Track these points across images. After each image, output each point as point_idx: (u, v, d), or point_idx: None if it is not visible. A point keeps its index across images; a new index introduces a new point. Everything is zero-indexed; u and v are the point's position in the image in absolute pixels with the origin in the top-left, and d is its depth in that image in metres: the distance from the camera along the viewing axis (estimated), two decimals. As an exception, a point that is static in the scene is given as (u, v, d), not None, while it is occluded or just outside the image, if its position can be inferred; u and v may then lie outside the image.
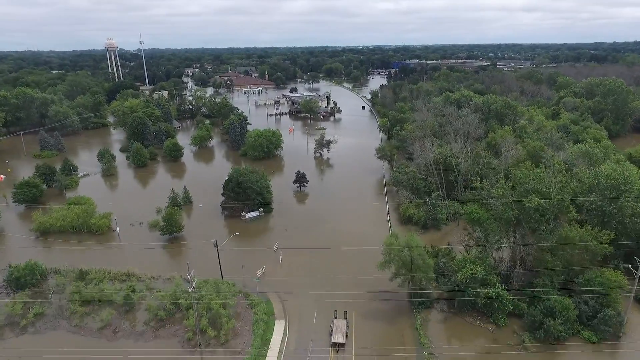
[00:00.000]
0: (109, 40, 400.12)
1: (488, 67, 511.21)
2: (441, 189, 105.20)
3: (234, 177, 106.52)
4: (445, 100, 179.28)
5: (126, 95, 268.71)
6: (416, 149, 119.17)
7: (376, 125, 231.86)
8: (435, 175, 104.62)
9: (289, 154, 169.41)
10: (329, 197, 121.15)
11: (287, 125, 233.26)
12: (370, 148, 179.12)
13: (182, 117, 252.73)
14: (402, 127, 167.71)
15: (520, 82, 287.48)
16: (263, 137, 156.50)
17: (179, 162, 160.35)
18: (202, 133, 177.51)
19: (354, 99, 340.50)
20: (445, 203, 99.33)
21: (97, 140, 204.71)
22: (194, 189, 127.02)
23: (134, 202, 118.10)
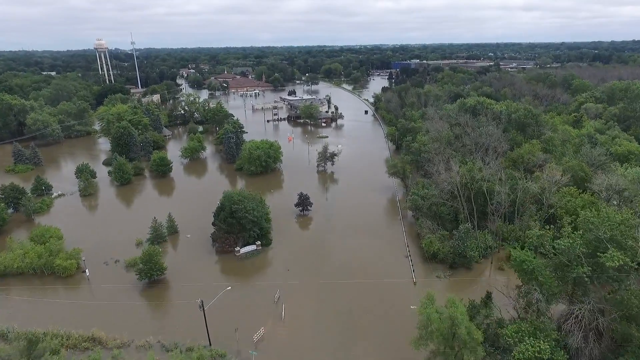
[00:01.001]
0: (98, 40, 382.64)
1: (491, 68, 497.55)
2: (470, 218, 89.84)
3: (226, 204, 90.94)
4: (459, 107, 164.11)
5: (114, 100, 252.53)
6: (439, 171, 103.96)
7: (381, 131, 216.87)
8: (463, 201, 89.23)
9: (289, 168, 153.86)
10: (336, 224, 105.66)
11: (286, 132, 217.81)
12: (377, 159, 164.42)
13: (174, 123, 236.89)
14: (414, 137, 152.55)
15: (531, 84, 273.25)
16: (260, 150, 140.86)
17: (167, 178, 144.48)
18: (193, 144, 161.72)
19: (355, 102, 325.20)
20: (476, 235, 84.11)
21: (80, 151, 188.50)
22: (183, 212, 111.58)
23: (112, 231, 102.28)
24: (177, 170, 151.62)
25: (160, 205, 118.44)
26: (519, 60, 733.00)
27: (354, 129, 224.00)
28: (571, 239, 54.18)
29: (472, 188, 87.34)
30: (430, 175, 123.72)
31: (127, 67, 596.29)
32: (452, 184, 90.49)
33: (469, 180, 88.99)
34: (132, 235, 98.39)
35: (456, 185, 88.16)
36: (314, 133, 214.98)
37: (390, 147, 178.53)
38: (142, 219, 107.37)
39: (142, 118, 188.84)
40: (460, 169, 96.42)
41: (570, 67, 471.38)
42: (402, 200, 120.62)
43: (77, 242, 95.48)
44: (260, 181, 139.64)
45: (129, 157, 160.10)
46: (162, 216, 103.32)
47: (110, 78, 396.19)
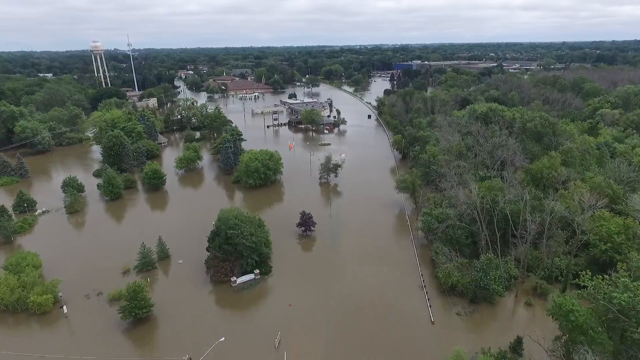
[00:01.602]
0: (94, 43, 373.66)
1: (494, 69, 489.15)
2: (491, 245, 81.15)
3: (222, 229, 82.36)
4: (470, 114, 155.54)
5: (109, 105, 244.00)
6: (454, 187, 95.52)
7: (386, 138, 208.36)
8: (484, 227, 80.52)
9: (290, 179, 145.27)
10: (341, 247, 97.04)
11: (287, 138, 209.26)
12: (382, 169, 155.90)
13: (171, 129, 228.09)
14: (422, 147, 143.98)
15: (539, 87, 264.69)
16: (259, 161, 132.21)
17: (160, 192, 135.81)
18: (189, 155, 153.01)
19: (357, 105, 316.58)
20: (499, 265, 75.49)
21: (71, 160, 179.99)
22: (175, 232, 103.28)
23: (97, 256, 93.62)
24: (171, 183, 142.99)
25: (151, 224, 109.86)
26: (522, 61, 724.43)
27: (357, 135, 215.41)
28: (631, 292, 45.49)
29: (494, 212, 78.53)
30: (442, 190, 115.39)
31: (125, 69, 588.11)
32: (471, 206, 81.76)
33: (490, 202, 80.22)
34: (119, 261, 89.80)
35: (476, 209, 79.41)
36: (316, 140, 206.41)
37: (396, 156, 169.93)
38: (131, 240, 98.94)
39: (136, 125, 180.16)
40: (479, 189, 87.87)
41: (575, 68, 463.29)
42: (411, 217, 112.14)
43: (57, 268, 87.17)
44: (259, 195, 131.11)
45: (121, 167, 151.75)
46: (153, 237, 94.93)
47: (106, 81, 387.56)
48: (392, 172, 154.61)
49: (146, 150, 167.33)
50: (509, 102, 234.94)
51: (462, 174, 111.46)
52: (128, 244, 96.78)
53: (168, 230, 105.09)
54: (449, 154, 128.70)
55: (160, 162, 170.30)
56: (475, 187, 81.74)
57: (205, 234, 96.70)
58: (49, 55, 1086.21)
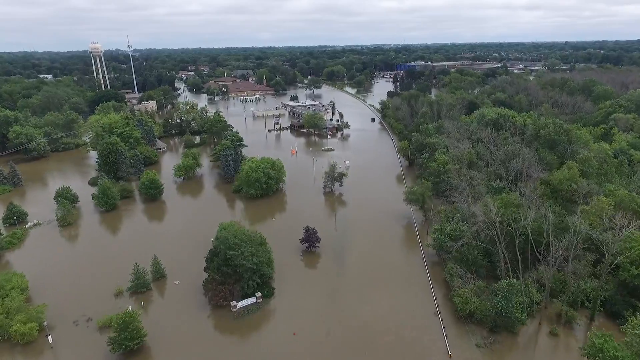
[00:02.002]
0: (93, 44, 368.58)
1: (498, 70, 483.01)
2: (511, 267, 75.26)
3: (221, 249, 76.75)
4: (479, 120, 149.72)
5: (107, 108, 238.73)
6: (467, 201, 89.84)
7: (390, 142, 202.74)
8: (503, 248, 74.62)
9: (293, 188, 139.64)
10: (348, 265, 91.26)
11: (289, 143, 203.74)
12: (388, 177, 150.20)
13: (170, 133, 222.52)
14: (430, 154, 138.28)
15: (547, 90, 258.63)
16: (260, 170, 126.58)
17: (157, 202, 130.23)
18: (187, 162, 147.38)
19: (360, 107, 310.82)
20: (521, 290, 69.60)
21: (67, 167, 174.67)
22: (172, 247, 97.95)
23: (88, 275, 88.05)
24: (169, 192, 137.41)
25: (147, 238, 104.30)
26: (525, 61, 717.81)
27: (361, 139, 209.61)
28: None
29: (516, 234, 72.56)
30: (453, 202, 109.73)
31: (126, 70, 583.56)
32: (489, 225, 75.89)
33: (511, 223, 74.35)
34: (111, 280, 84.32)
35: (495, 229, 73.55)
36: (319, 145, 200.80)
37: (402, 163, 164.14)
38: (125, 256, 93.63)
39: (134, 131, 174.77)
40: (495, 203, 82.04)
41: (581, 69, 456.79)
42: (421, 231, 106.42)
43: (45, 290, 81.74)
44: (260, 205, 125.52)
45: (117, 176, 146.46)
46: (149, 253, 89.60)
47: (105, 82, 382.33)
48: (399, 179, 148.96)
49: (144, 157, 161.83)
50: (516, 105, 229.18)
51: (475, 185, 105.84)
52: (122, 261, 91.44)
53: (165, 245, 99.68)
54: (459, 162, 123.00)
55: (158, 169, 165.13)
56: (493, 205, 75.64)
57: (204, 249, 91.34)
58: (49, 56, 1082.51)
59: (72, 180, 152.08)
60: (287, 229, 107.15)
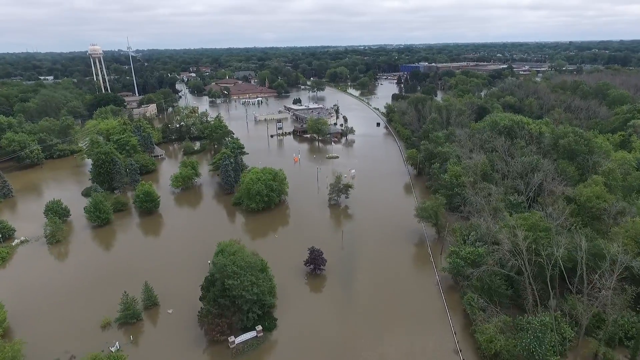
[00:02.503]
0: (92, 46, 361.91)
1: (504, 71, 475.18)
2: (539, 298, 67.85)
3: (218, 278, 69.76)
4: (491, 127, 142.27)
5: (104, 113, 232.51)
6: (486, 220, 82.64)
7: (397, 148, 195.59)
8: (531, 279, 67.22)
9: (296, 199, 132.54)
10: (357, 291, 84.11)
11: (292, 149, 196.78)
12: (397, 187, 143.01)
13: (169, 138, 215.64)
14: (441, 164, 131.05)
15: (557, 93, 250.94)
16: (261, 182, 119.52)
17: (153, 215, 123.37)
18: (185, 172, 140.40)
19: (364, 110, 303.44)
20: (553, 326, 62.23)
21: (62, 175, 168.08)
22: (167, 269, 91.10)
23: (74, 302, 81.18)
24: (166, 204, 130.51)
25: (139, 259, 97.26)
26: (531, 62, 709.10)
27: (366, 146, 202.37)
28: None
29: (547, 265, 65.07)
30: (468, 217, 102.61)
31: (127, 72, 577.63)
32: (514, 253, 68.52)
33: (539, 249, 67.00)
34: (99, 308, 77.46)
35: (522, 259, 66.17)
36: (323, 151, 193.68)
37: (411, 172, 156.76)
38: (115, 280, 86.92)
39: (130, 138, 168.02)
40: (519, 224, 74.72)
41: (589, 71, 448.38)
42: (433, 249, 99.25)
43: (26, 321, 75.00)
44: (262, 220, 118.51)
45: (112, 186, 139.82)
46: (141, 275, 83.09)
47: (105, 85, 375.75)
48: (407, 189, 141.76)
49: (140, 166, 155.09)
50: (526, 109, 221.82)
51: (491, 201, 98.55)
52: (111, 285, 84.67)
53: (159, 266, 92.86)
54: (473, 174, 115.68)
55: (156, 178, 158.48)
56: (519, 230, 68.14)
57: (201, 271, 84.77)
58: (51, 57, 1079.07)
59: (65, 190, 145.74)
60: (290, 248, 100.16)
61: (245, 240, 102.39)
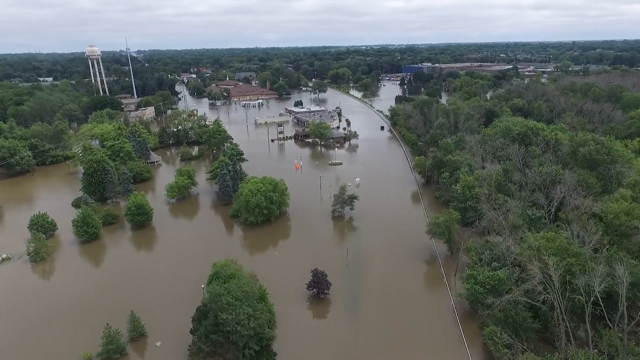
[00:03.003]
0: (90, 47, 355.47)
1: (509, 72, 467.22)
2: (571, 332, 60.18)
3: (211, 310, 62.39)
4: (504, 133, 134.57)
5: (100, 116, 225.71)
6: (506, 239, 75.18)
7: (402, 153, 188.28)
8: (564, 314, 59.62)
9: (297, 210, 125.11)
10: (363, 317, 76.69)
11: (293, 155, 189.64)
12: (404, 197, 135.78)
13: (166, 143, 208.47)
14: (451, 173, 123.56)
15: (567, 95, 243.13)
16: (261, 194, 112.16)
17: (146, 229, 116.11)
18: (181, 181, 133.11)
19: (368, 113, 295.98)
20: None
21: (53, 183, 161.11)
22: (156, 293, 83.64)
23: (55, 330, 73.93)
24: (160, 216, 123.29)
25: (127, 281, 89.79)
26: (535, 62, 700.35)
27: (370, 151, 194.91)
28: None
29: (587, 302, 57.23)
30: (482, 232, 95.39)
31: (127, 73, 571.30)
32: (546, 284, 60.92)
33: (574, 281, 59.38)
34: (81, 339, 70.15)
35: (554, 292, 58.58)
36: (325, 157, 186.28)
37: (418, 180, 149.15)
38: (99, 305, 79.70)
39: (125, 144, 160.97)
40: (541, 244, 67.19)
41: (597, 71, 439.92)
42: (446, 266, 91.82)
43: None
44: (261, 234, 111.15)
45: (104, 196, 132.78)
46: (128, 301, 75.82)
47: (104, 87, 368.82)
48: (415, 199, 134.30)
49: (135, 174, 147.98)
50: (535, 112, 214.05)
51: (509, 216, 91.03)
52: (96, 311, 77.56)
53: (148, 289, 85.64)
54: (487, 185, 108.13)
55: (152, 186, 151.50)
56: (551, 261, 60.40)
57: (194, 296, 77.78)
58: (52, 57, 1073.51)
59: (56, 199, 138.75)
60: (292, 267, 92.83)
61: (243, 258, 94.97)
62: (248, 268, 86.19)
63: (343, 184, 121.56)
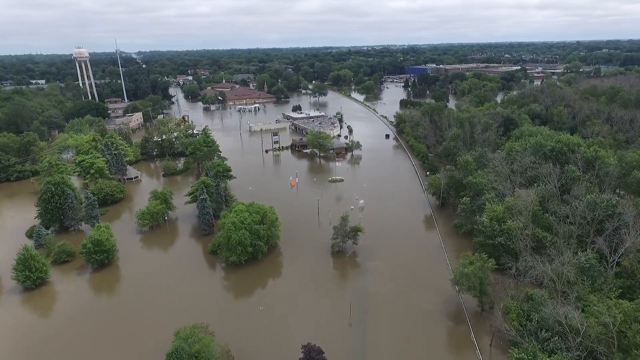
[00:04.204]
0: (77, 49, 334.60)
1: (517, 73, 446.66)
2: None
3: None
4: (534, 150, 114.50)
5: (78, 124, 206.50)
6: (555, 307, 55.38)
7: (410, 165, 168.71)
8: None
9: (290, 242, 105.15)
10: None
11: (289, 168, 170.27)
12: (414, 223, 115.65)
13: (150, 154, 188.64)
14: (474, 198, 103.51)
15: (588, 100, 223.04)
16: (245, 226, 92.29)
17: (109, 269, 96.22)
18: (154, 207, 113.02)
19: (371, 118, 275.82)
20: None
21: (16, 204, 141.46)
22: None
23: None
24: (127, 249, 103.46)
25: (69, 351, 70.00)
26: (543, 63, 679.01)
27: (375, 164, 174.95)
28: None
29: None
30: (517, 277, 76.05)
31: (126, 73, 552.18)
32: None
33: None
34: None
35: None
36: (325, 171, 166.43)
37: (431, 202, 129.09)
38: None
39: (96, 160, 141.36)
40: (613, 312, 47.25)
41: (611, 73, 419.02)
42: (475, 326, 71.89)
43: None
44: (244, 277, 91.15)
45: (64, 225, 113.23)
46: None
47: (92, 90, 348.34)
48: (429, 226, 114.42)
49: (105, 195, 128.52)
50: (554, 119, 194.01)
51: (555, 263, 71.16)
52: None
53: (111, 343, 65.87)
54: (521, 216, 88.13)
55: (125, 209, 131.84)
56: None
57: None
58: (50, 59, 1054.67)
59: (11, 227, 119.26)
60: (280, 332, 72.96)
61: (218, 318, 74.98)
62: (223, 334, 66.80)
63: (344, 213, 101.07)
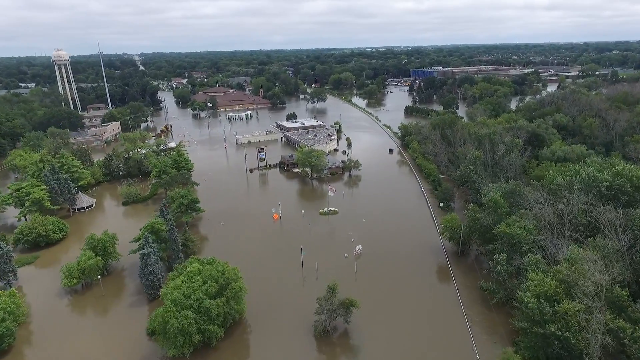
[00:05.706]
0: (57, 51, 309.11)
1: (529, 76, 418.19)
2: None
3: None
4: (587, 184, 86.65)
5: (37, 138, 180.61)
6: None
7: (418, 189, 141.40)
8: None
9: (261, 312, 78.14)
10: None
11: (275, 191, 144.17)
12: (429, 285, 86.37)
13: (115, 175, 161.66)
14: (510, 256, 76.06)
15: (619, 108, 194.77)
16: (192, 303, 65.34)
17: (10, 355, 69.74)
18: (87, 261, 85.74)
19: (373, 128, 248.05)
20: None
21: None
22: None
23: None
24: (42, 322, 76.91)
25: None
26: (554, 65, 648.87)
27: (376, 188, 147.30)
28: None
29: None
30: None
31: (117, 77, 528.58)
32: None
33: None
34: None
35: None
36: (316, 196, 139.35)
37: (447, 249, 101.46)
38: None
39: (32, 189, 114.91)
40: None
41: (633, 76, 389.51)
42: None
43: None
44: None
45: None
46: None
47: (73, 95, 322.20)
48: (443, 282, 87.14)
49: (36, 237, 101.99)
50: (584, 132, 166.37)
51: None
52: None
53: None
54: (583, 294, 60.67)
55: (61, 253, 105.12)
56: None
57: None
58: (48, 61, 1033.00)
59: None
60: None
61: None
62: None
63: (332, 282, 73.49)
